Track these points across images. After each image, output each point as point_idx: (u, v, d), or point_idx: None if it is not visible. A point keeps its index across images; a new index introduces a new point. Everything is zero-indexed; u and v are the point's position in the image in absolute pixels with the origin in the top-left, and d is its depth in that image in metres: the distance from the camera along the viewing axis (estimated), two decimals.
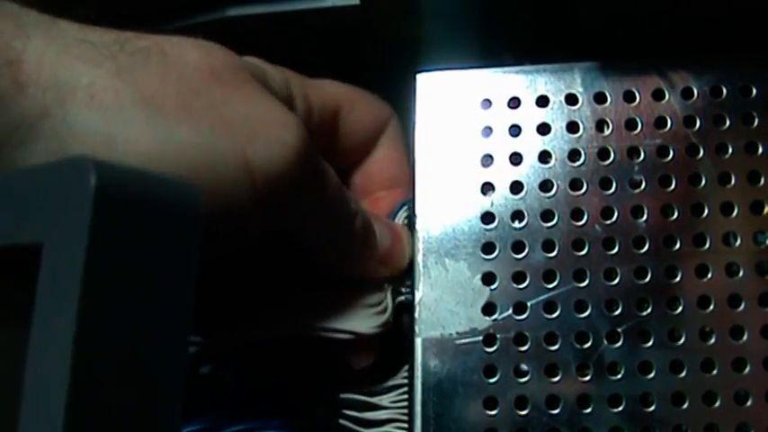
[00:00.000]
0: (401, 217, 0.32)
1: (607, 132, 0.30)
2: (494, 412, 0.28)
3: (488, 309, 0.29)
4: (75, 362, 0.14)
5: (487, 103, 0.31)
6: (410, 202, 0.31)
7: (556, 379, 0.28)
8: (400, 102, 0.33)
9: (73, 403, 0.14)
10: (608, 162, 0.30)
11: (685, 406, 0.28)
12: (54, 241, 0.15)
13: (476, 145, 0.30)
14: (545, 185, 0.30)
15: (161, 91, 0.24)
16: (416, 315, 0.29)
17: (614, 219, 0.29)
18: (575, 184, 0.30)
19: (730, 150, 0.29)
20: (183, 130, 0.24)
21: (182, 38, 0.26)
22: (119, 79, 0.23)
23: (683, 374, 0.28)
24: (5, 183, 0.18)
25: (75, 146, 0.22)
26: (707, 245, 0.29)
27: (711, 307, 0.28)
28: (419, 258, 0.30)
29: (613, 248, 0.29)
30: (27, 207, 0.16)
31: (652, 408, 0.28)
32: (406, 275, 0.31)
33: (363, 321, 0.30)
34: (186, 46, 0.26)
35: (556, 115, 0.30)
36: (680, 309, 0.28)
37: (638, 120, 0.30)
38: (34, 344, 0.15)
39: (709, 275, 0.29)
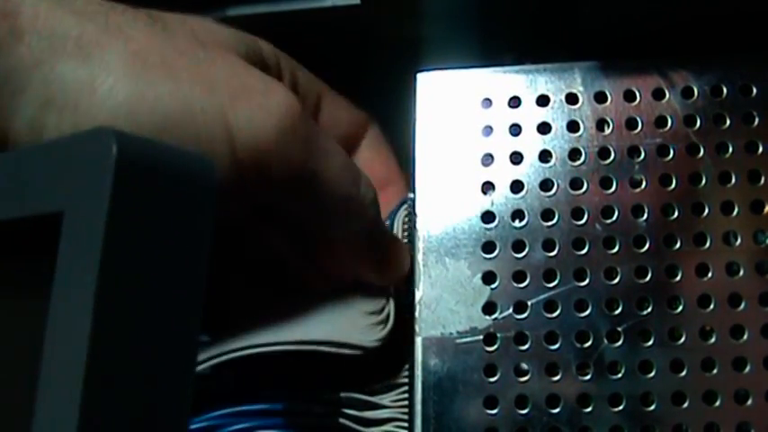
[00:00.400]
0: (401, 216, 0.32)
1: (607, 131, 0.30)
2: (494, 411, 0.28)
3: (489, 308, 0.29)
4: (95, 325, 0.15)
5: (488, 102, 0.31)
6: (409, 201, 0.31)
7: (556, 378, 0.28)
8: (400, 102, 0.33)
9: (92, 366, 0.15)
10: (608, 161, 0.30)
11: (686, 405, 0.28)
12: (75, 209, 0.16)
13: (476, 144, 0.30)
14: (545, 185, 0.30)
15: (146, 48, 0.25)
16: (417, 314, 0.29)
17: (615, 218, 0.29)
18: (575, 184, 0.30)
19: (730, 149, 0.29)
20: (164, 83, 0.24)
21: (170, 13, 0.27)
22: (107, 34, 0.24)
23: (684, 374, 0.28)
24: (28, 156, 0.18)
25: (61, 94, 0.23)
26: (707, 244, 0.29)
27: (712, 306, 0.28)
28: (419, 257, 0.30)
29: (614, 247, 0.29)
30: (48, 178, 0.17)
31: (652, 407, 0.28)
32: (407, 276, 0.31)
33: (364, 334, 0.29)
34: (173, 17, 0.27)
35: (556, 114, 0.30)
36: (680, 308, 0.28)
37: (638, 119, 0.30)
38: (54, 309, 0.16)
39: (710, 275, 0.29)
